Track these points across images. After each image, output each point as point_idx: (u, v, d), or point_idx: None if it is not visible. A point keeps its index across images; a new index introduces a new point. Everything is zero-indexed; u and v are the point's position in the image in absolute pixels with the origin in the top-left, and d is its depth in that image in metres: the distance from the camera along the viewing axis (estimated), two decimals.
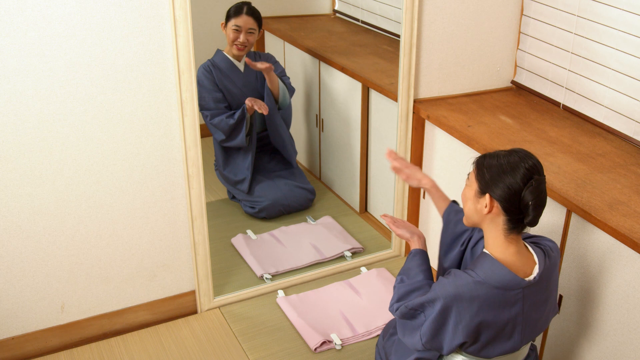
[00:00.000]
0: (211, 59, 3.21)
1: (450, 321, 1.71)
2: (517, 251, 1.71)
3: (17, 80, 2.02)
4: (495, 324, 1.70)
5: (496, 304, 1.68)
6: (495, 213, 1.68)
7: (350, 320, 2.52)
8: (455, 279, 1.70)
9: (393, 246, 2.95)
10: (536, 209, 1.65)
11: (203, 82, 3.16)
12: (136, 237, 2.39)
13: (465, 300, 1.67)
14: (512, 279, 1.67)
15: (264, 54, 3.34)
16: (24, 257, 2.24)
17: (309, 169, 3.78)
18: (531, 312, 1.74)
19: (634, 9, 2.26)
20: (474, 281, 1.67)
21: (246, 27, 3.14)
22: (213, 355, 2.37)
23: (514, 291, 1.68)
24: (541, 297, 1.75)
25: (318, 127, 3.56)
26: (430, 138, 2.71)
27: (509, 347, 1.76)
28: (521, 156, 1.67)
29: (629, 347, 1.90)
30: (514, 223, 1.68)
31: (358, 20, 3.68)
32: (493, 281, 1.67)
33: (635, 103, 2.33)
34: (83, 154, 2.20)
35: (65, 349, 2.41)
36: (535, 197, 1.63)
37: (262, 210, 3.19)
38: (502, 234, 1.70)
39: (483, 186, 1.69)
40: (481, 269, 1.69)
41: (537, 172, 1.65)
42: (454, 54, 2.71)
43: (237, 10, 3.15)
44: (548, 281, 1.77)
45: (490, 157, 1.71)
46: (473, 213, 1.74)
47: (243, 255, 2.92)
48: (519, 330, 1.74)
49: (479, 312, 1.67)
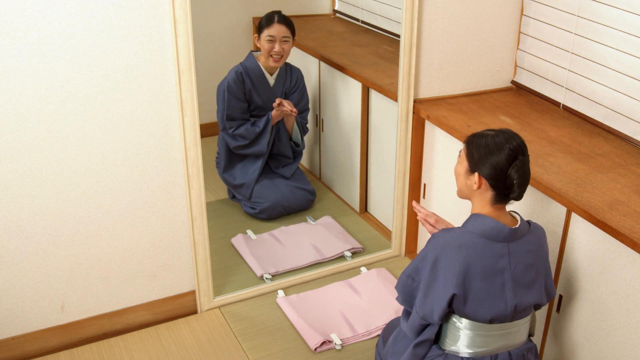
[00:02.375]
0: (243, 62, 3.14)
1: (440, 271, 1.81)
2: (502, 212, 1.87)
3: (17, 80, 2.02)
4: (483, 272, 1.80)
5: (483, 253, 1.80)
6: (484, 189, 1.84)
7: (350, 320, 2.52)
8: (444, 232, 1.86)
9: (393, 246, 2.95)
10: (521, 186, 1.81)
11: (232, 89, 3.09)
12: (136, 237, 2.39)
13: (453, 248, 1.80)
14: (495, 225, 1.81)
15: (296, 70, 3.28)
16: (24, 257, 2.24)
17: (309, 169, 3.78)
18: (520, 274, 1.83)
19: (634, 9, 2.26)
20: (461, 231, 1.83)
21: (280, 35, 3.07)
22: (213, 355, 2.37)
23: (500, 243, 1.81)
24: (528, 259, 1.85)
25: (318, 127, 3.56)
26: (430, 138, 2.71)
27: (502, 308, 1.82)
28: (506, 137, 1.81)
29: (629, 347, 1.90)
30: (501, 197, 1.83)
31: (358, 20, 3.68)
32: (478, 230, 1.82)
33: (635, 103, 2.33)
34: (83, 154, 2.20)
35: (65, 349, 2.41)
36: (520, 176, 1.79)
37: (263, 211, 3.19)
38: (489, 203, 1.85)
39: (472, 165, 1.84)
40: (468, 223, 1.86)
41: (521, 153, 1.80)
42: (454, 54, 2.71)
43: (269, 20, 3.08)
44: (534, 248, 1.87)
45: (479, 136, 1.85)
46: (464, 187, 1.91)
47: (243, 255, 2.92)
48: (510, 289, 1.82)
49: (466, 259, 1.78)
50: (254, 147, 3.17)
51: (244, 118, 3.16)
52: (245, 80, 3.12)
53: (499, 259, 1.80)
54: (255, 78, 3.14)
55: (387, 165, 3.02)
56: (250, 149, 3.17)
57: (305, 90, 3.31)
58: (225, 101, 3.09)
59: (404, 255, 2.97)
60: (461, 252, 1.79)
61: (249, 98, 3.16)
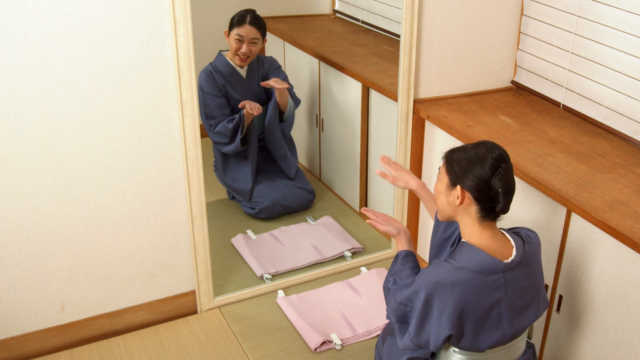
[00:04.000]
0: (213, 62, 3.16)
1: (434, 311, 1.73)
2: (492, 235, 1.76)
3: (17, 80, 2.02)
4: (478, 310, 1.72)
5: (477, 289, 1.71)
6: (467, 203, 1.74)
7: (350, 320, 2.52)
8: (435, 267, 1.75)
9: (393, 246, 2.95)
10: (506, 196, 1.71)
11: (205, 88, 3.09)
12: (136, 237, 2.39)
13: (447, 287, 1.70)
14: (490, 261, 1.71)
15: (267, 58, 3.30)
16: (24, 257, 2.24)
17: (309, 169, 3.78)
18: (516, 299, 1.76)
19: (634, 9, 2.26)
20: (454, 267, 1.72)
21: (249, 37, 3.06)
22: (213, 355, 2.37)
23: (495, 276, 1.72)
24: (524, 283, 1.78)
25: (318, 127, 3.56)
26: (430, 138, 2.72)
27: (499, 337, 1.77)
28: (488, 147, 1.73)
29: (629, 347, 1.90)
30: (486, 211, 1.74)
31: (358, 20, 3.68)
32: (472, 266, 1.71)
33: (635, 103, 2.33)
34: (83, 154, 2.20)
35: (65, 349, 2.41)
36: (504, 185, 1.69)
37: (262, 210, 3.19)
38: (476, 222, 1.75)
39: (454, 178, 1.75)
40: (460, 256, 1.74)
41: (504, 161, 1.71)
42: (454, 54, 2.71)
43: (240, 20, 3.07)
44: (530, 267, 1.80)
45: (458, 151, 1.77)
46: (446, 206, 1.80)
47: (243, 255, 2.92)
48: (506, 318, 1.76)
49: (460, 298, 1.70)
50: (231, 145, 3.13)
51: (224, 114, 3.13)
52: (216, 77, 3.12)
53: (495, 292, 1.72)
54: (227, 73, 3.14)
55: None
56: (230, 147, 3.14)
57: (281, 68, 3.29)
58: (201, 100, 3.08)
59: None
60: (455, 291, 1.69)
61: (225, 93, 3.15)
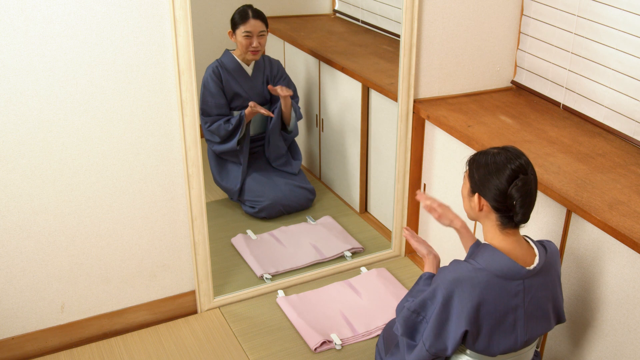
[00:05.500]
0: (220, 59, 3.19)
1: (454, 310, 1.70)
2: (516, 241, 1.75)
3: (17, 80, 2.02)
4: (495, 314, 1.70)
5: (496, 293, 1.69)
6: (486, 211, 1.74)
7: (350, 320, 2.52)
8: (455, 266, 1.73)
9: (393, 246, 2.95)
10: (524, 207, 1.69)
11: (209, 85, 3.13)
12: (136, 237, 2.39)
13: (467, 285, 1.68)
14: (512, 266, 1.69)
15: (275, 62, 3.32)
16: (24, 257, 2.24)
17: (309, 169, 3.78)
18: (533, 308, 1.75)
19: (634, 9, 2.26)
20: (475, 268, 1.70)
21: (256, 30, 3.11)
22: (213, 355, 2.37)
23: (515, 282, 1.70)
24: (543, 292, 1.76)
25: (318, 127, 3.56)
26: (430, 138, 2.72)
27: (512, 343, 1.75)
28: (509, 156, 1.70)
29: (629, 347, 1.90)
30: (506, 220, 1.73)
31: (358, 20, 3.68)
32: (493, 269, 1.69)
33: (635, 103, 2.33)
34: (83, 154, 2.20)
35: (65, 349, 2.41)
36: (521, 196, 1.67)
37: (262, 210, 3.19)
38: (497, 228, 1.75)
39: (473, 186, 1.76)
40: (482, 257, 1.72)
41: (523, 172, 1.68)
42: (454, 54, 2.71)
43: (243, 16, 3.11)
44: (549, 277, 1.78)
45: (480, 155, 1.76)
46: (469, 209, 1.81)
47: (243, 255, 2.92)
48: (521, 326, 1.74)
49: (480, 296, 1.68)
50: (226, 145, 3.16)
51: (220, 114, 3.15)
52: (222, 75, 3.15)
53: (513, 298, 1.71)
54: (233, 70, 3.18)
55: (387, 165, 3.02)
56: (223, 146, 3.17)
57: (289, 78, 3.33)
58: (200, 96, 3.10)
59: (404, 255, 2.97)
60: (475, 291, 1.68)
61: (227, 90, 3.17)
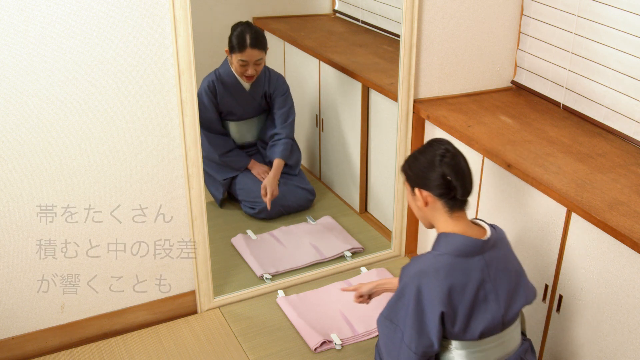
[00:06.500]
0: (218, 70, 3.11)
1: (425, 301, 1.75)
2: (466, 224, 1.83)
3: (17, 80, 2.02)
4: (466, 291, 1.75)
5: (460, 272, 1.75)
6: (432, 202, 1.82)
7: (350, 320, 2.52)
8: (415, 260, 1.81)
9: (393, 246, 2.95)
10: (458, 180, 1.77)
11: (202, 99, 3.06)
12: (136, 237, 2.39)
13: (431, 272, 1.74)
14: (469, 242, 1.77)
15: (276, 77, 3.20)
16: (24, 257, 2.24)
17: (309, 169, 3.78)
18: (500, 281, 1.80)
19: (634, 9, 2.26)
20: (435, 255, 1.78)
21: (253, 60, 2.99)
22: (213, 355, 2.37)
23: (475, 257, 1.77)
24: (503, 264, 1.82)
25: (318, 127, 3.56)
26: (430, 138, 2.71)
27: (489, 319, 1.78)
28: (433, 145, 1.84)
29: (629, 347, 1.90)
30: (451, 202, 1.80)
31: (358, 20, 3.68)
32: (452, 250, 1.77)
33: (635, 103, 2.33)
34: (83, 154, 2.20)
35: (65, 349, 2.41)
36: (452, 169, 1.77)
37: (262, 210, 3.19)
38: (447, 216, 1.82)
39: (412, 184, 1.86)
40: (439, 245, 1.80)
41: (447, 151, 1.80)
42: (454, 54, 2.71)
43: (240, 44, 2.95)
44: (505, 250, 1.85)
45: (409, 158, 1.89)
46: (419, 213, 1.89)
47: (243, 255, 2.92)
48: (493, 299, 1.78)
49: (446, 278, 1.74)
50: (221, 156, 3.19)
51: (209, 128, 3.12)
52: (217, 90, 3.06)
53: (478, 273, 1.76)
54: (230, 84, 3.09)
55: (387, 165, 3.02)
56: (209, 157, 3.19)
57: (289, 95, 3.25)
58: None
59: (404, 255, 2.97)
60: (440, 275, 1.74)
61: (221, 105, 3.11)
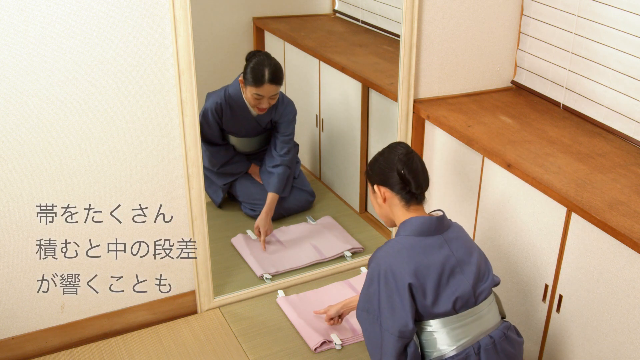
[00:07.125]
0: (227, 90, 2.99)
1: (393, 280, 1.82)
2: (423, 213, 1.97)
3: (17, 80, 2.02)
4: (431, 267, 1.84)
5: (422, 250, 1.86)
6: (389, 197, 1.97)
7: (350, 320, 2.52)
8: (379, 248, 1.91)
9: None
10: (412, 174, 1.93)
11: (207, 117, 2.99)
12: (136, 237, 2.39)
13: (394, 254, 1.85)
14: (425, 220, 1.89)
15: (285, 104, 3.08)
16: (24, 257, 2.24)
17: (309, 169, 3.78)
18: (463, 255, 1.90)
19: (634, 9, 2.26)
20: (395, 240, 1.90)
21: (269, 94, 2.86)
22: (213, 355, 2.37)
23: (434, 236, 1.89)
24: (463, 243, 1.92)
25: (318, 127, 3.56)
26: (430, 138, 2.72)
27: (460, 289, 1.85)
28: (391, 146, 2.00)
29: (629, 347, 1.90)
30: (407, 196, 1.95)
31: (358, 20, 3.68)
32: (411, 232, 1.89)
33: (635, 103, 2.33)
34: (83, 154, 2.20)
35: (65, 349, 2.41)
36: (405, 165, 1.92)
37: None
38: (404, 209, 1.96)
39: (371, 181, 2.01)
40: (398, 232, 1.94)
41: (403, 150, 1.96)
42: (454, 54, 2.71)
43: (258, 79, 2.81)
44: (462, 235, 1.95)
45: (371, 160, 2.03)
46: (379, 210, 2.03)
47: (243, 255, 2.92)
48: (460, 271, 1.88)
49: (410, 257, 1.83)
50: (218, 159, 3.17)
51: (210, 141, 3.10)
52: (224, 112, 2.99)
53: (440, 249, 1.87)
54: (237, 107, 3.01)
55: None
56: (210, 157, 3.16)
57: (294, 121, 3.14)
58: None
59: None
60: (402, 255, 1.84)
61: (226, 126, 3.08)
